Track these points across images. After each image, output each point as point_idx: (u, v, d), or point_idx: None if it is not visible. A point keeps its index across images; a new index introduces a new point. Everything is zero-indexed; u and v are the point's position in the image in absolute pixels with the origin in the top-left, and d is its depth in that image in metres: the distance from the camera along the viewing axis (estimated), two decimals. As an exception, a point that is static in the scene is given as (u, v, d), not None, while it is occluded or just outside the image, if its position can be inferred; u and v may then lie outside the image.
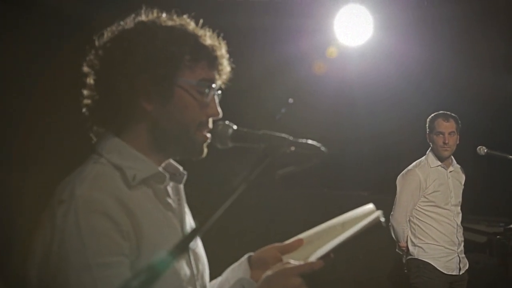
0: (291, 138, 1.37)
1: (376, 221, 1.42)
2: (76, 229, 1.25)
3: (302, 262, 1.38)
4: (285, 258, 1.54)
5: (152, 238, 1.35)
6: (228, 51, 1.52)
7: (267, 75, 5.40)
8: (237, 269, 1.62)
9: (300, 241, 1.57)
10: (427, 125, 4.41)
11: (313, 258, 1.41)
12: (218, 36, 1.50)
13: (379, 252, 5.20)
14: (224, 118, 1.48)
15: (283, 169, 1.36)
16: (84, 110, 1.47)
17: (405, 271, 4.42)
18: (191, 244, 1.13)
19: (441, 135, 4.28)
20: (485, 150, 4.15)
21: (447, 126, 4.28)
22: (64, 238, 1.26)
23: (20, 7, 4.13)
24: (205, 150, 1.48)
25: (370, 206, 1.50)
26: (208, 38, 1.47)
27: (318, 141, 1.41)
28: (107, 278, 1.25)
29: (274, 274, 1.36)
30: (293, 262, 1.38)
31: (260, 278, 1.41)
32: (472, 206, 5.32)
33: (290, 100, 5.21)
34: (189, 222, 1.55)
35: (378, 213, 1.44)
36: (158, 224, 1.40)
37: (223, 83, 1.52)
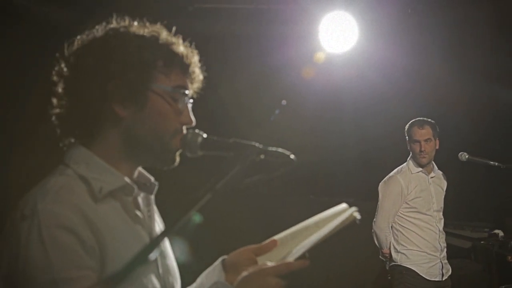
0: (261, 146, 1.36)
1: (351, 218, 1.40)
2: (41, 246, 1.23)
3: (279, 263, 1.36)
4: (260, 260, 1.53)
5: (117, 254, 1.32)
6: (213, 59, 1.52)
7: (253, 82, 5.41)
8: (212, 273, 1.60)
9: (274, 242, 1.55)
10: (405, 132, 4.42)
11: (289, 258, 1.39)
12: (192, 44, 1.49)
13: (364, 258, 5.21)
14: (208, 125, 1.47)
15: (252, 177, 1.36)
16: (53, 119, 1.44)
17: (389, 277, 4.42)
18: (153, 255, 1.10)
19: (417, 143, 4.28)
20: (466, 156, 4.16)
21: (423, 134, 4.27)
22: (29, 255, 1.23)
23: (10, 18, 4.11)
24: (177, 159, 1.46)
25: (343, 205, 1.49)
26: (181, 45, 1.45)
27: (304, 148, 1.41)
28: None
29: (250, 274, 1.34)
30: (270, 263, 1.36)
31: (236, 280, 1.38)
32: (457, 211, 5.35)
33: (283, 102, 5.21)
34: None
35: (353, 209, 1.43)
36: (124, 238, 1.37)
37: (195, 91, 1.51)
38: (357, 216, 1.42)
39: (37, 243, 1.23)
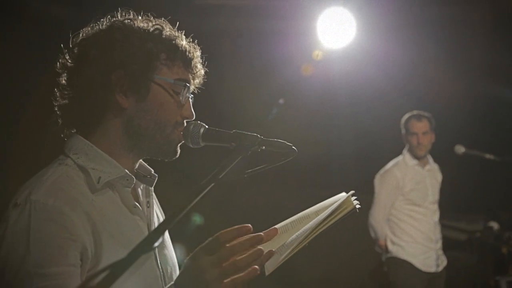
0: (262, 137, 1.37)
1: (348, 203, 1.37)
2: (25, 236, 1.23)
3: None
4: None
5: (112, 245, 1.32)
6: (210, 55, 1.54)
7: (250, 77, 5.43)
8: None
9: (275, 231, 1.53)
10: (402, 126, 4.48)
11: (287, 243, 1.39)
12: (193, 40, 1.51)
13: (360, 250, 5.24)
14: (206, 120, 1.47)
15: (253, 168, 1.38)
16: (56, 109, 1.46)
17: (385, 269, 4.47)
18: (156, 245, 1.12)
19: (415, 136, 4.35)
20: (463, 150, 4.21)
21: (420, 127, 4.34)
22: (12, 243, 1.24)
23: (13, 15, 4.11)
24: (178, 151, 1.48)
25: (343, 194, 1.47)
26: (184, 40, 1.47)
27: (301, 142, 1.41)
28: None
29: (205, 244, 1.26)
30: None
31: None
32: (453, 204, 5.40)
33: (281, 101, 5.23)
34: None
35: (350, 193, 1.40)
36: (122, 229, 1.37)
37: (196, 87, 1.53)
38: (355, 201, 1.38)
39: (23, 232, 1.24)
